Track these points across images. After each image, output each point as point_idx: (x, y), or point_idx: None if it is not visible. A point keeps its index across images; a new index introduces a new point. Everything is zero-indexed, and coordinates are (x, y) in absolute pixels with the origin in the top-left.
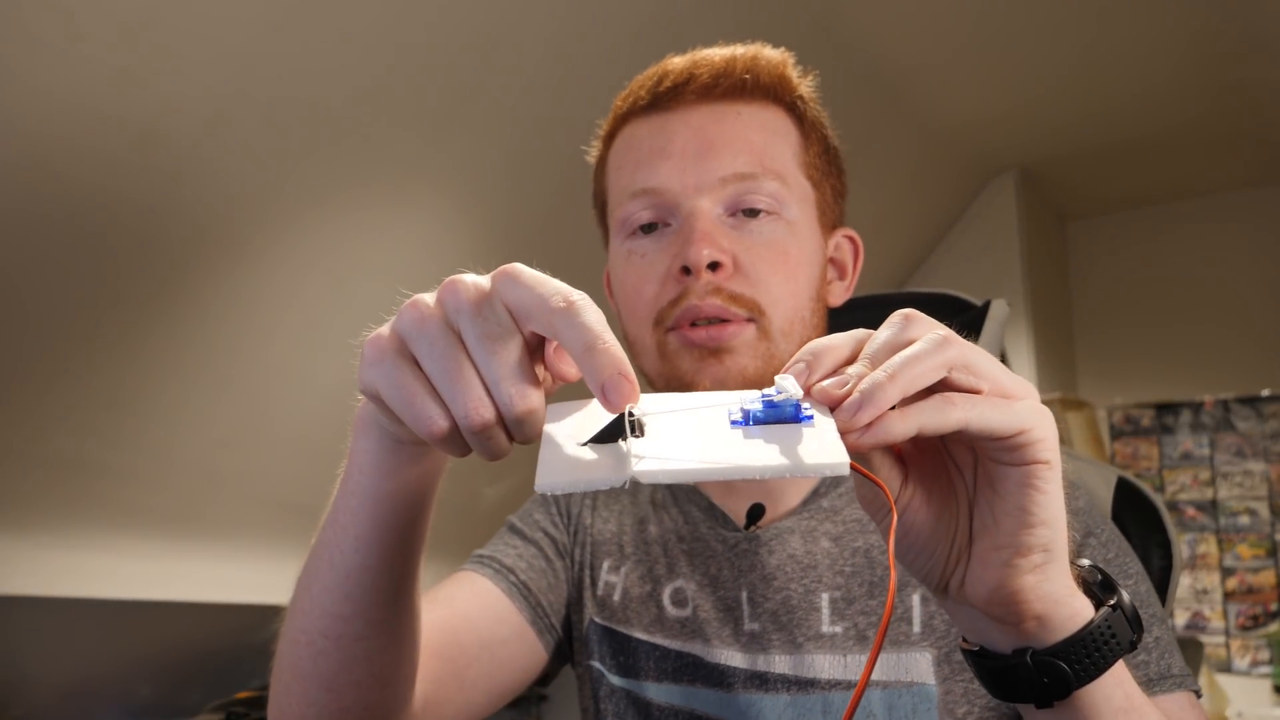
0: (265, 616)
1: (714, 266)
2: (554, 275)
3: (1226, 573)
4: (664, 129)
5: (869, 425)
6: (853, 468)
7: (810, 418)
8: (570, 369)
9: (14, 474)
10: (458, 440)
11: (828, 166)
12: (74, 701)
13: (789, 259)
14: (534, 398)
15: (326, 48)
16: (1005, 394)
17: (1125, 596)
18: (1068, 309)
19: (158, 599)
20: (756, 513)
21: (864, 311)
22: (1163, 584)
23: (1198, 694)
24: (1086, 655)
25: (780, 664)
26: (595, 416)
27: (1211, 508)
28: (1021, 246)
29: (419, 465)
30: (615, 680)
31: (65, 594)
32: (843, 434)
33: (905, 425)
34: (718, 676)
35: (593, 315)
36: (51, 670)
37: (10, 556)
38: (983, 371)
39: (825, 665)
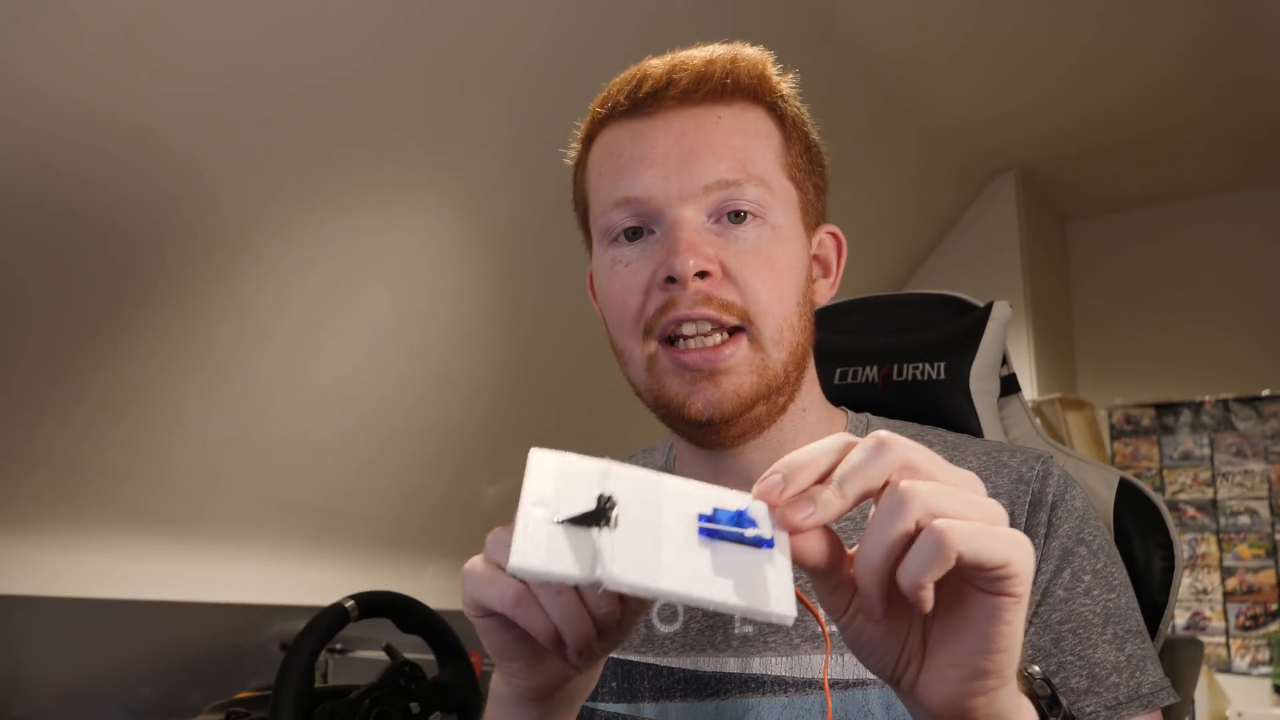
0: (265, 616)
1: (702, 275)
2: (551, 275)
3: (1226, 573)
4: (645, 135)
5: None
6: (803, 601)
7: (771, 543)
8: None
9: (13, 474)
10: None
11: (809, 165)
12: (74, 701)
13: (775, 264)
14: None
15: (326, 48)
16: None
17: (1067, 709)
18: (1068, 309)
19: (157, 599)
20: None
21: (866, 313)
22: (1164, 584)
23: (1174, 702)
24: None
25: (777, 666)
26: (575, 487)
27: (1211, 508)
28: (1021, 246)
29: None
30: (613, 708)
31: (64, 594)
32: (791, 532)
33: (905, 580)
34: (713, 686)
35: None
36: (51, 670)
37: (10, 556)
38: (923, 469)
39: (822, 664)
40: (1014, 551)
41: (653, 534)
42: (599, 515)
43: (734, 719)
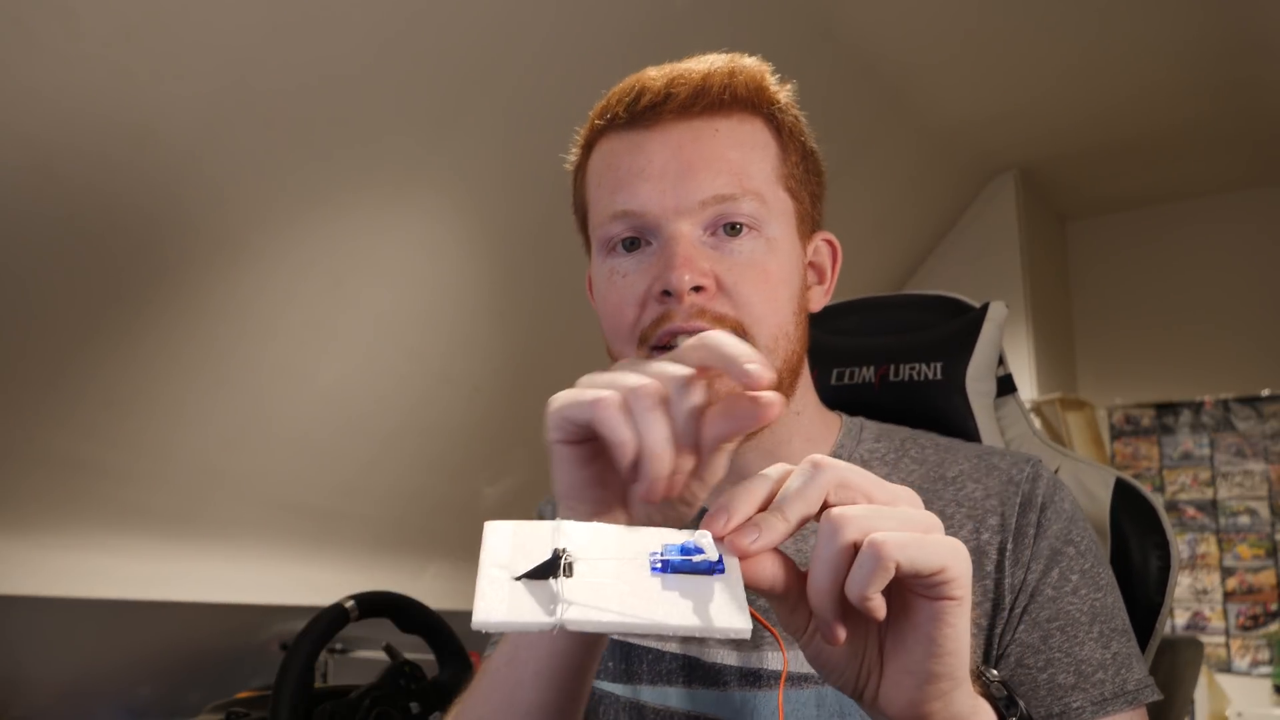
0: (265, 616)
1: (697, 289)
2: (551, 276)
3: (1226, 573)
4: (642, 148)
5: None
6: (760, 621)
7: (721, 566)
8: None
9: (14, 474)
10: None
11: (806, 174)
12: (74, 701)
13: (770, 277)
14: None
15: (326, 49)
16: (881, 504)
17: (1024, 709)
18: (1068, 309)
19: (157, 599)
20: None
21: (863, 313)
22: (1160, 584)
23: (1156, 701)
24: None
25: (774, 661)
26: (530, 544)
27: (1211, 508)
28: (1021, 246)
29: None
30: (610, 687)
31: (65, 594)
32: (741, 557)
33: (853, 594)
34: (714, 676)
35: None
36: (51, 670)
37: (10, 556)
38: (857, 486)
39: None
40: (949, 557)
41: (606, 575)
42: (553, 566)
43: (733, 710)
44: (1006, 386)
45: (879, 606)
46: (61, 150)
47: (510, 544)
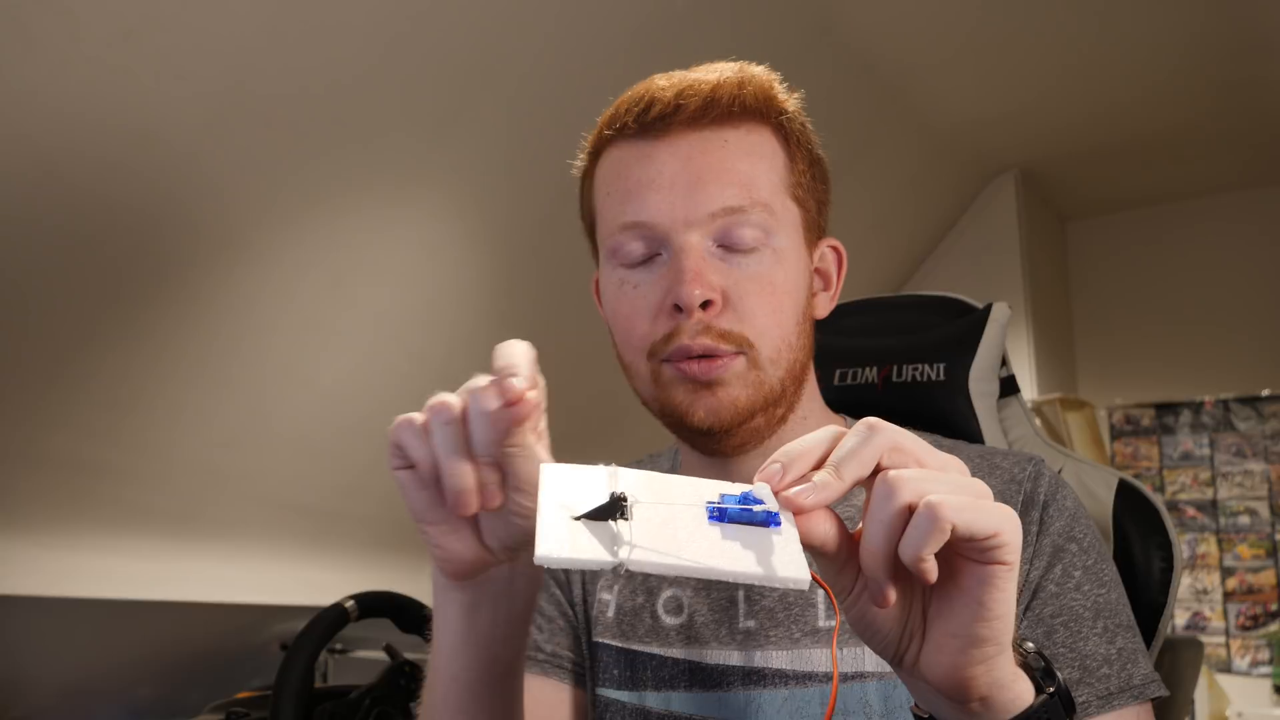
0: (265, 616)
1: (705, 304)
2: (552, 276)
3: (1226, 573)
4: (652, 158)
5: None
6: (815, 579)
7: (779, 523)
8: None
9: (14, 474)
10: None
11: (812, 181)
12: (74, 701)
13: (776, 290)
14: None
15: (325, 49)
16: (932, 469)
17: (1062, 682)
18: (1068, 309)
19: (158, 599)
20: None
21: (865, 314)
22: (1164, 585)
23: (1162, 696)
24: None
25: (777, 659)
26: (588, 488)
27: (1211, 508)
28: (1021, 247)
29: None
30: (616, 695)
31: (65, 594)
32: (796, 513)
33: (906, 555)
34: (716, 678)
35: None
36: (51, 670)
37: (10, 556)
38: (910, 450)
39: (822, 659)
40: (1003, 522)
41: (665, 519)
42: (614, 508)
43: (737, 710)
44: (1009, 387)
45: (931, 569)
46: (61, 151)
47: (567, 486)
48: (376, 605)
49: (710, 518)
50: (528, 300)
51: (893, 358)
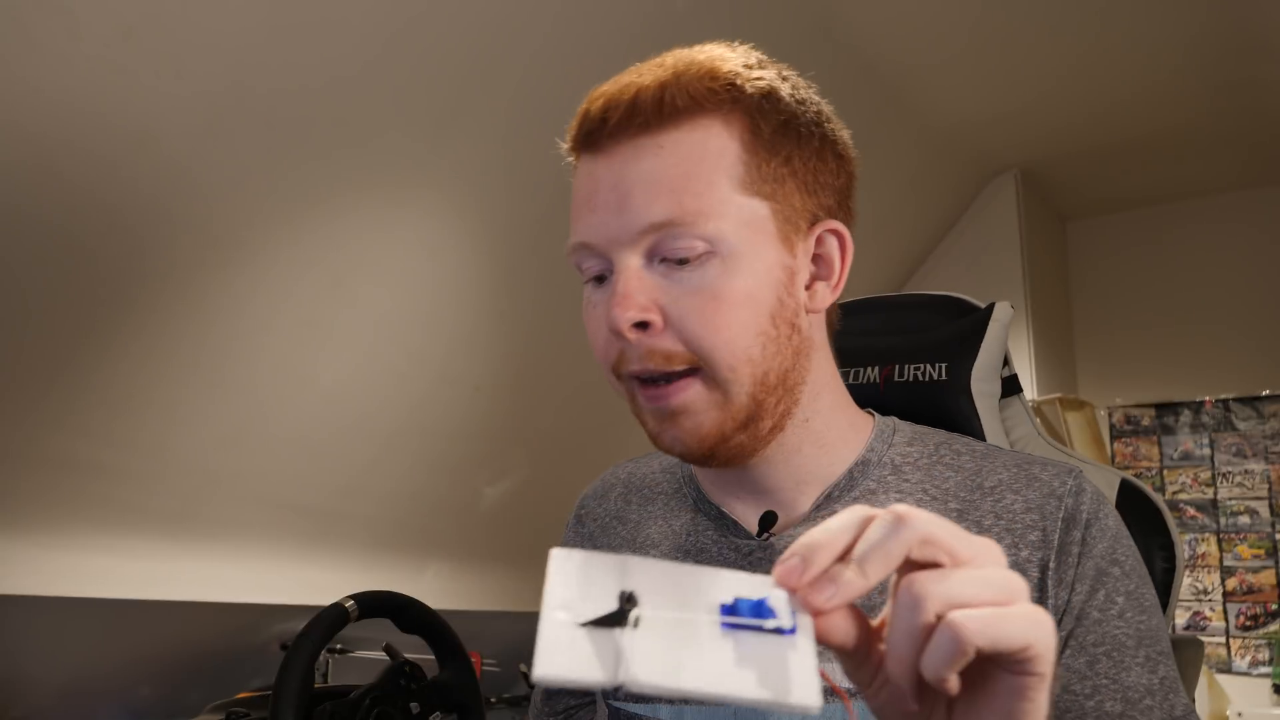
0: (265, 616)
1: (643, 325)
2: (551, 275)
3: (1226, 573)
4: (593, 175)
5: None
6: (827, 680)
7: (794, 630)
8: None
9: (12, 474)
10: None
11: (788, 166)
12: (74, 701)
13: (722, 301)
14: None
15: (324, 47)
16: (964, 562)
17: None
18: (1068, 309)
19: (157, 599)
20: (769, 520)
21: (866, 313)
22: (1165, 585)
23: None
24: None
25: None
26: (596, 584)
27: (1211, 508)
28: (1021, 247)
29: None
30: (629, 707)
31: (64, 594)
32: (815, 614)
33: (927, 673)
34: None
35: None
36: (51, 670)
37: (9, 556)
38: (940, 542)
39: (837, 672)
40: (1033, 632)
41: (673, 631)
42: (620, 616)
43: None
44: (1011, 387)
45: (953, 685)
46: (61, 149)
47: (575, 579)
48: (376, 605)
49: (722, 626)
50: (527, 300)
51: (894, 357)
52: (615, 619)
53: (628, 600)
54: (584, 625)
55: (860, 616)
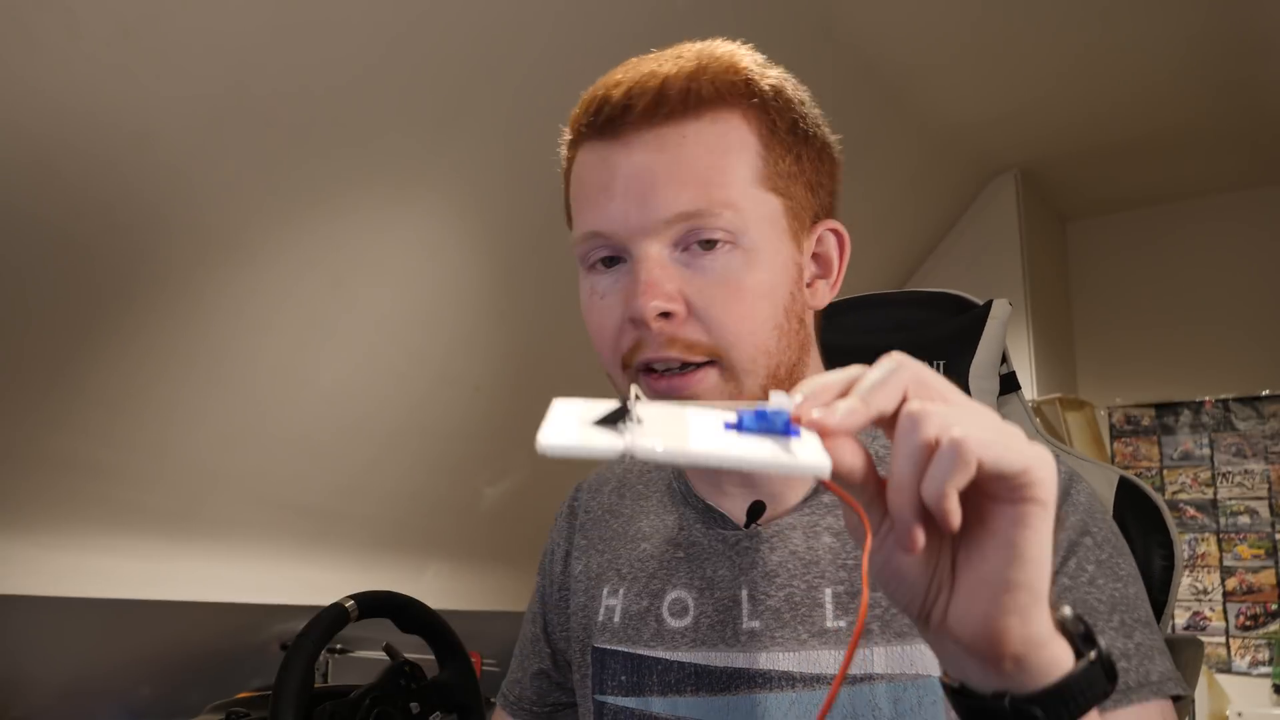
0: (265, 616)
1: (666, 315)
2: (552, 275)
3: (1226, 573)
4: (608, 162)
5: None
6: (832, 489)
7: (798, 433)
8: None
9: (12, 474)
10: None
11: (800, 162)
12: (74, 701)
13: (745, 293)
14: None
15: (325, 48)
16: (957, 405)
17: (1104, 648)
18: (1068, 309)
19: (157, 599)
20: (757, 510)
21: (865, 311)
22: (1164, 584)
23: (1179, 696)
24: (1062, 704)
25: (784, 661)
26: (600, 407)
27: (1211, 508)
28: (1021, 246)
29: None
30: (620, 701)
31: (64, 594)
32: (821, 434)
33: (929, 493)
34: (723, 681)
35: None
36: (51, 670)
37: (9, 556)
38: (935, 386)
39: (830, 660)
40: (1033, 458)
41: (681, 426)
42: (624, 412)
43: (743, 714)
44: (1010, 385)
45: (954, 510)
46: (60, 149)
47: (586, 404)
48: (376, 605)
49: (726, 425)
50: (527, 300)
51: None
52: (620, 415)
53: (633, 402)
54: (591, 423)
55: (867, 454)
